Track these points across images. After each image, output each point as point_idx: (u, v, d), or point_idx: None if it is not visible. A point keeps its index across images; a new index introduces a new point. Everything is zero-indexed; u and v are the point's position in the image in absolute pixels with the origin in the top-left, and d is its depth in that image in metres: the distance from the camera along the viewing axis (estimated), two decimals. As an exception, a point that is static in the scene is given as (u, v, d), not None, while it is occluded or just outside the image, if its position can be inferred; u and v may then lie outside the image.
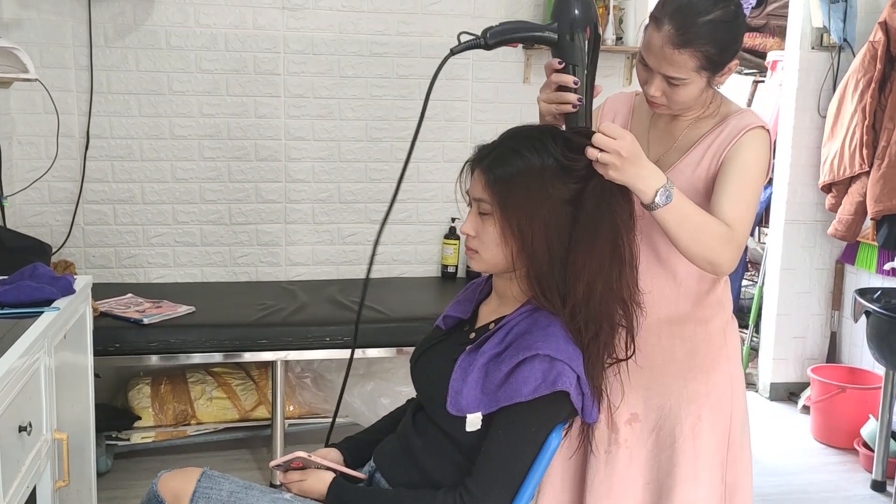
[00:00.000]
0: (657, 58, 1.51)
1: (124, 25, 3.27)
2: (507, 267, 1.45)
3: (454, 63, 3.61)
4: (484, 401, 1.38)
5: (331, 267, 3.63)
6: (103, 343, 2.71)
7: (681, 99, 1.55)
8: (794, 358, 3.97)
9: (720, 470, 1.63)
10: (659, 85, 1.53)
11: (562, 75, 1.48)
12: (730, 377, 1.66)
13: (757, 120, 1.58)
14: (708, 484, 1.62)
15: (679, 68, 1.50)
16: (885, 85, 3.36)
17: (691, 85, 1.52)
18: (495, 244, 1.43)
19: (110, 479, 2.96)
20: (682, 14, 1.47)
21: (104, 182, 3.35)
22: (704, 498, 1.62)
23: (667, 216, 1.42)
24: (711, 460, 1.62)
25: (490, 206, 1.42)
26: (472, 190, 1.46)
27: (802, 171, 3.84)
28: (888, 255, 3.54)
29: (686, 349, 1.63)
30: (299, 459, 1.53)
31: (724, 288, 1.68)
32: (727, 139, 1.57)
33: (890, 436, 3.05)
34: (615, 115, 1.74)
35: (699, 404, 1.62)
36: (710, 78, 1.54)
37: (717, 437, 1.63)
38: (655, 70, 1.52)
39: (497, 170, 1.42)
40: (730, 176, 1.53)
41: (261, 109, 3.45)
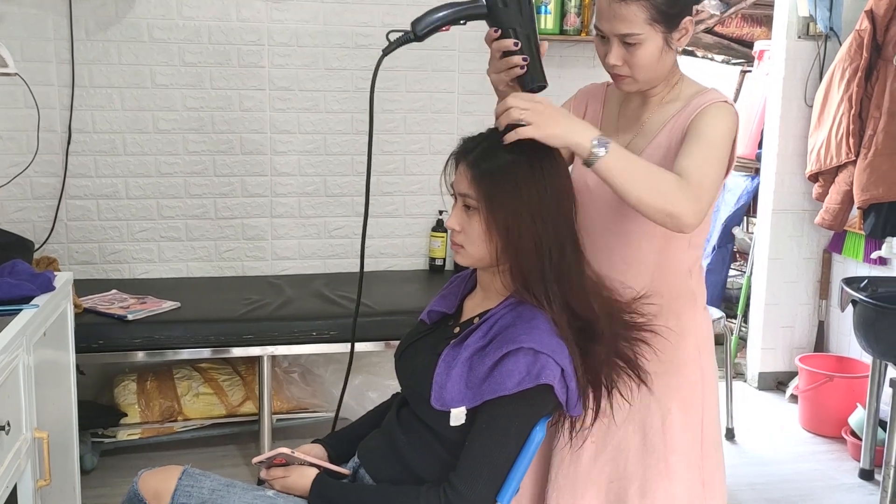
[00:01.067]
0: (608, 19, 1.50)
1: (106, 18, 3.23)
2: (491, 262, 1.44)
3: (440, 54, 3.59)
4: (468, 395, 1.37)
5: (318, 261, 3.61)
6: (87, 340, 2.68)
7: (641, 62, 1.51)
8: (782, 347, 3.98)
9: (697, 470, 1.62)
10: (617, 51, 1.51)
11: (501, 41, 1.48)
12: (701, 371, 1.64)
13: (720, 96, 1.57)
14: (686, 482, 1.60)
15: (631, 23, 1.48)
16: (871, 74, 3.36)
17: (648, 43, 1.50)
18: (481, 239, 1.42)
19: (96, 477, 2.94)
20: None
21: (87, 177, 3.31)
22: (682, 496, 1.60)
23: (610, 166, 1.36)
24: (687, 458, 1.61)
25: (476, 202, 1.41)
26: (458, 185, 1.44)
27: (789, 161, 3.84)
28: (875, 243, 3.54)
29: (657, 343, 1.58)
30: (282, 456, 1.52)
31: (698, 281, 1.66)
32: (687, 117, 1.56)
33: (877, 424, 3.06)
34: (586, 106, 1.73)
35: (669, 398, 1.61)
36: (667, 35, 1.52)
37: (690, 434, 1.61)
38: (609, 34, 1.51)
39: (483, 165, 1.41)
40: (689, 139, 1.50)
41: (245, 102, 3.42)
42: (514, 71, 1.49)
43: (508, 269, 1.43)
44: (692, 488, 1.60)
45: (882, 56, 3.31)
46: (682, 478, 1.59)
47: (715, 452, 1.65)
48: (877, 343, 2.75)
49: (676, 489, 1.59)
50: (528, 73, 1.49)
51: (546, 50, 1.53)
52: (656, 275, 1.61)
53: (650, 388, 1.52)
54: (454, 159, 1.47)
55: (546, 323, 1.39)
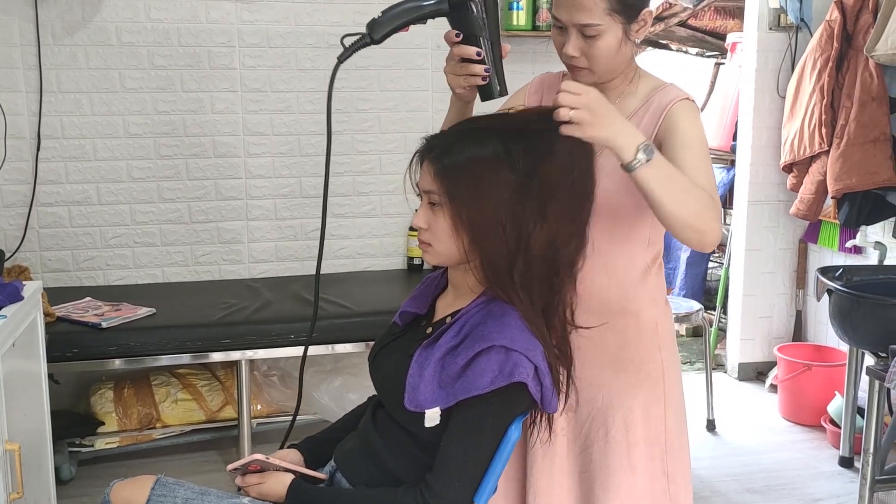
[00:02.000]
0: (567, 7, 1.46)
1: (72, 22, 3.19)
2: (460, 258, 1.43)
3: (413, 52, 3.58)
4: (441, 395, 1.36)
5: (295, 263, 3.59)
6: (61, 349, 2.65)
7: (600, 54, 1.49)
8: (761, 337, 4.01)
9: (660, 462, 1.61)
10: (575, 42, 1.48)
11: (462, 47, 1.44)
12: (662, 367, 1.63)
13: (680, 93, 1.55)
14: (647, 475, 1.60)
15: (590, 12, 1.45)
16: (842, 64, 3.38)
17: (607, 34, 1.47)
18: (447, 235, 1.40)
19: (75, 487, 2.91)
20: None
21: (58, 184, 3.27)
22: (643, 488, 1.60)
23: (650, 174, 1.34)
24: (649, 451, 1.60)
25: (439, 197, 1.39)
26: (422, 182, 1.43)
27: (764, 152, 3.86)
28: (850, 232, 3.57)
29: (617, 341, 1.60)
30: (257, 462, 1.50)
31: (657, 278, 1.66)
32: (654, 118, 1.53)
33: (856, 412, 3.09)
34: (542, 96, 1.70)
35: (631, 395, 1.60)
36: (626, 27, 1.49)
37: (651, 428, 1.61)
38: (568, 23, 1.47)
39: (445, 159, 1.39)
40: (677, 152, 1.46)
41: (217, 105, 3.39)
42: (474, 80, 1.46)
43: (479, 264, 1.41)
44: (655, 480, 1.61)
45: (852, 46, 3.34)
46: (644, 470, 1.60)
47: (679, 443, 1.65)
48: (853, 331, 2.77)
49: (638, 482, 1.59)
50: (489, 85, 1.46)
51: (508, 52, 1.50)
52: (613, 274, 1.60)
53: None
54: (418, 157, 1.46)
55: (517, 320, 1.38)
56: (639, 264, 1.61)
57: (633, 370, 1.61)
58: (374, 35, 1.43)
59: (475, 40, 1.43)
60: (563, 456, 1.64)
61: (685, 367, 4.29)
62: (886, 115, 3.20)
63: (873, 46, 3.10)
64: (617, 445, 1.59)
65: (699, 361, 4.35)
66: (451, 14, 1.44)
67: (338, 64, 1.42)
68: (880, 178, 3.19)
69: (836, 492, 2.96)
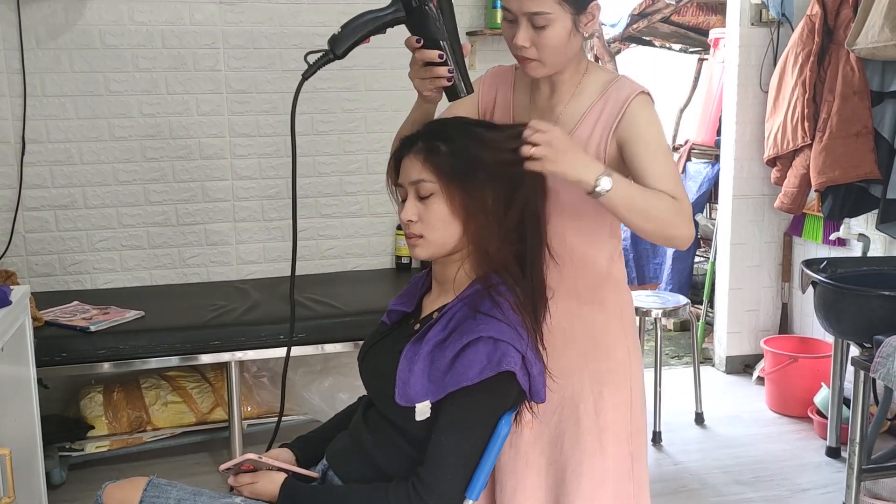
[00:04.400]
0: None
1: (56, 26, 3.18)
2: (453, 247, 1.45)
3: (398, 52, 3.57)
4: (431, 389, 1.38)
5: (283, 264, 3.59)
6: (49, 353, 2.64)
7: (549, 43, 1.49)
8: (748, 330, 4.04)
9: (626, 444, 1.66)
10: (525, 32, 1.48)
11: (424, 52, 1.45)
12: (628, 353, 1.68)
13: (636, 86, 1.56)
14: (615, 458, 1.64)
15: (540, 1, 1.46)
16: (823, 58, 3.41)
17: (556, 24, 1.47)
18: (441, 222, 1.43)
19: (66, 491, 2.90)
20: None
21: (43, 188, 3.26)
22: (612, 470, 1.64)
23: (612, 199, 1.41)
24: (616, 434, 1.65)
25: (431, 185, 1.42)
26: (408, 175, 1.46)
27: (748, 147, 3.89)
28: (833, 225, 3.61)
29: (585, 330, 1.64)
30: (249, 462, 1.51)
31: (619, 267, 1.70)
32: (612, 114, 1.54)
33: (842, 403, 3.12)
34: (496, 90, 1.71)
35: (601, 382, 1.64)
36: (575, 18, 1.50)
37: (620, 412, 1.65)
38: (518, 12, 1.48)
39: (430, 146, 1.44)
40: (640, 155, 1.51)
41: (203, 107, 3.38)
42: (440, 81, 1.47)
43: (473, 249, 1.45)
44: (622, 461, 1.65)
45: (833, 40, 3.37)
46: (612, 453, 1.64)
47: (641, 424, 1.70)
48: (838, 323, 2.80)
49: (608, 464, 1.64)
50: (454, 85, 1.48)
51: (469, 51, 1.51)
52: (580, 265, 1.63)
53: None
54: (394, 159, 1.50)
55: (504, 312, 1.40)
56: (604, 255, 1.65)
57: (601, 357, 1.65)
58: (336, 51, 1.44)
59: (435, 43, 1.44)
60: (527, 448, 1.66)
61: (673, 362, 4.32)
62: (868, 108, 3.24)
63: (854, 40, 3.14)
64: (588, 431, 1.63)
65: (687, 355, 4.38)
66: (409, 20, 1.45)
67: (302, 81, 1.44)
68: (863, 170, 3.22)
69: (823, 482, 2.99)
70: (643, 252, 4.86)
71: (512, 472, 1.66)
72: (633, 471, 1.66)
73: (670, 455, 3.22)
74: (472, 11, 3.63)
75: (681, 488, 2.95)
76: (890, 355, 2.37)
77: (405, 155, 1.47)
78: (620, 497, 1.65)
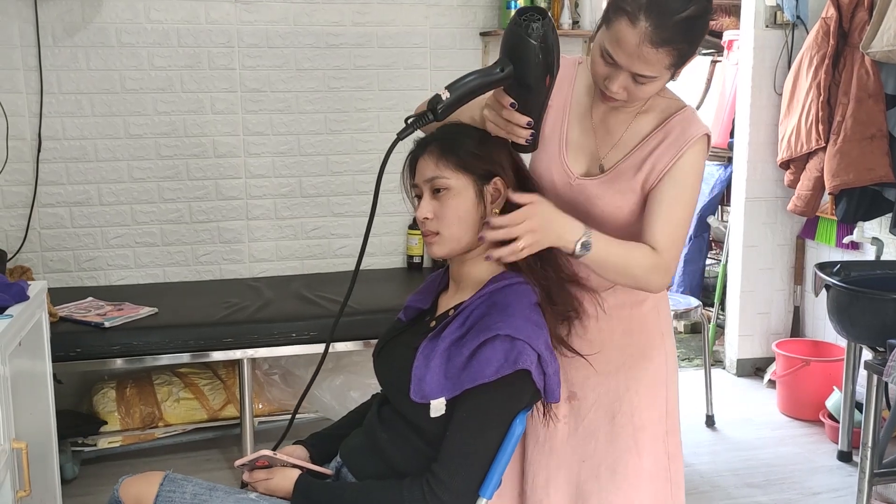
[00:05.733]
0: (629, 56, 1.41)
1: (72, 24, 3.20)
2: (469, 242, 1.46)
3: (412, 52, 3.60)
4: (447, 385, 1.38)
5: (295, 262, 3.60)
6: (64, 348, 2.66)
7: (643, 95, 1.49)
8: (760, 333, 4.03)
9: (662, 443, 1.67)
10: (623, 82, 1.45)
11: (514, 115, 1.41)
12: (665, 353, 1.69)
13: (701, 127, 1.54)
14: (652, 457, 1.65)
15: (653, 66, 1.42)
16: (838, 60, 3.40)
17: (658, 81, 1.46)
18: (457, 217, 1.44)
19: (78, 486, 2.92)
20: (659, 10, 1.37)
21: (59, 184, 3.28)
22: (650, 470, 1.64)
23: (590, 262, 1.44)
24: (653, 433, 1.65)
25: (447, 178, 1.44)
26: (423, 174, 1.48)
27: (761, 149, 3.88)
28: (847, 228, 3.59)
29: (623, 330, 1.65)
30: (264, 458, 1.51)
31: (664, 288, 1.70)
32: (673, 150, 1.52)
33: (854, 406, 3.10)
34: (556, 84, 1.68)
35: (638, 381, 1.65)
36: (675, 73, 1.48)
37: (655, 411, 1.66)
38: (626, 67, 1.43)
39: (444, 144, 1.46)
40: (667, 196, 1.51)
41: (217, 105, 3.40)
42: (515, 138, 1.44)
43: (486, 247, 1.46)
44: (658, 460, 1.66)
45: (848, 43, 3.35)
46: (649, 452, 1.65)
47: (676, 423, 1.71)
48: (851, 327, 2.79)
49: (644, 463, 1.64)
50: (526, 145, 1.46)
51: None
52: None
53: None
54: (410, 159, 1.52)
55: (521, 310, 1.40)
56: None
57: (638, 356, 1.66)
58: (440, 116, 1.37)
59: (529, 114, 1.40)
60: (562, 444, 1.67)
61: (684, 364, 4.31)
62: (883, 111, 3.22)
63: (869, 43, 3.12)
64: (623, 429, 1.64)
65: (698, 358, 4.37)
66: (512, 87, 1.39)
67: (396, 140, 1.40)
68: (877, 174, 3.21)
69: (834, 486, 2.98)
70: (654, 254, 4.84)
71: (545, 467, 1.67)
72: (669, 470, 1.67)
73: (681, 457, 3.22)
74: (486, 12, 3.64)
75: (691, 491, 2.95)
76: (904, 359, 2.36)
77: (420, 155, 1.49)
78: (657, 496, 1.65)
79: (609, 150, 1.59)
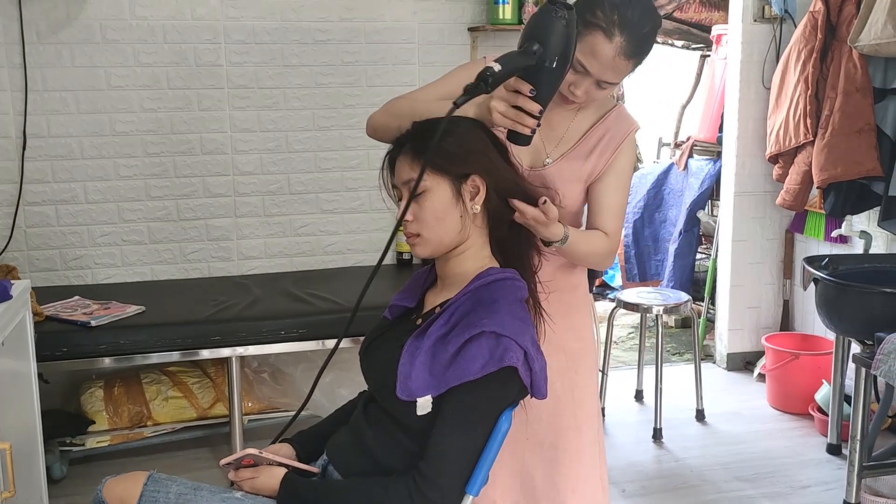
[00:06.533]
0: (602, 66, 1.57)
1: (57, 20, 3.18)
2: (452, 241, 1.45)
3: (400, 48, 3.58)
4: (433, 383, 1.37)
5: (284, 259, 3.59)
6: (50, 348, 2.65)
7: (600, 98, 1.66)
8: (749, 328, 4.03)
9: (596, 418, 1.83)
10: (588, 88, 1.61)
11: (529, 103, 1.44)
12: (593, 334, 1.87)
13: (633, 122, 1.74)
14: (589, 433, 1.80)
15: (620, 75, 1.60)
16: (826, 55, 3.40)
17: (616, 86, 1.65)
18: (435, 218, 1.44)
19: (66, 486, 2.90)
20: (631, 26, 1.54)
21: (44, 182, 3.26)
22: (587, 445, 1.78)
23: (564, 251, 1.60)
24: (589, 410, 1.81)
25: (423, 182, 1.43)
26: (401, 175, 1.48)
27: (750, 143, 3.88)
28: (835, 222, 3.60)
29: (561, 311, 1.74)
30: (250, 457, 1.50)
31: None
32: (613, 144, 1.70)
33: (843, 400, 3.11)
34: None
35: (576, 361, 1.79)
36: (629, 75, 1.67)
37: (591, 388, 1.83)
38: (596, 76, 1.58)
39: (418, 144, 1.45)
40: (611, 187, 1.71)
41: (204, 102, 3.38)
42: (520, 128, 1.47)
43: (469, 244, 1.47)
44: (593, 435, 1.80)
45: (836, 37, 3.36)
46: (587, 429, 1.79)
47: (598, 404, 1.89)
48: (839, 320, 2.80)
49: (583, 439, 1.78)
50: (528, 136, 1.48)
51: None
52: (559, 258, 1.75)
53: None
54: (388, 159, 1.51)
55: (506, 306, 1.40)
56: None
57: (574, 337, 1.80)
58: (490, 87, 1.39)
59: (542, 102, 1.45)
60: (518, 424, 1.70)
61: (674, 359, 4.32)
62: (870, 105, 3.23)
63: (857, 37, 3.13)
64: (565, 407, 1.77)
65: (688, 352, 4.38)
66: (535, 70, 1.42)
67: (453, 108, 1.40)
68: (865, 168, 3.21)
69: (824, 478, 2.98)
70: (645, 249, 4.85)
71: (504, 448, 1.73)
72: (598, 444, 1.82)
73: (671, 451, 3.22)
74: (474, 7, 3.62)
75: (681, 485, 2.95)
76: (891, 352, 2.37)
77: (396, 156, 1.48)
78: (594, 470, 1.80)
79: (554, 146, 1.72)
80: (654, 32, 1.60)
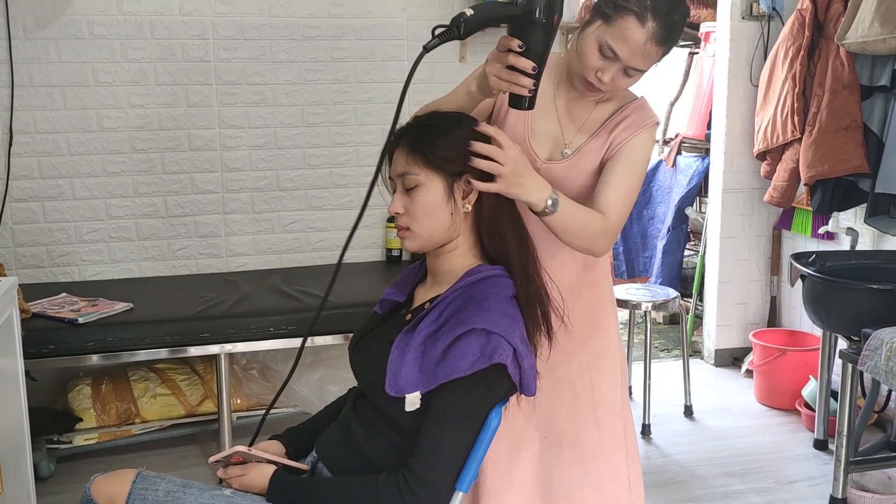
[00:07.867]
0: (633, 52, 1.52)
1: (44, 15, 3.15)
2: (442, 237, 1.45)
3: (389, 44, 3.58)
4: (422, 379, 1.38)
5: (273, 256, 3.58)
6: (37, 345, 2.63)
7: (626, 86, 1.61)
8: (737, 324, 4.05)
9: (620, 419, 1.78)
10: (616, 74, 1.56)
11: (520, 59, 1.41)
12: (616, 331, 1.82)
13: (653, 116, 1.68)
14: (611, 431, 1.76)
15: (648, 62, 1.56)
16: (813, 52, 3.41)
17: (643, 74, 1.59)
18: (426, 214, 1.44)
19: (54, 484, 2.89)
20: (663, 13, 1.51)
21: (31, 179, 3.24)
22: (607, 444, 1.75)
23: (554, 221, 1.51)
24: (610, 409, 1.76)
25: (416, 177, 1.44)
26: (395, 169, 1.48)
27: (738, 141, 3.90)
28: (822, 219, 3.62)
29: (583, 310, 1.73)
30: (239, 454, 1.50)
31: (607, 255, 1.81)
32: (627, 133, 1.65)
33: (829, 395, 3.13)
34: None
35: (598, 358, 1.76)
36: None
37: (614, 388, 1.78)
38: (625, 61, 1.54)
39: (415, 140, 1.46)
40: (618, 169, 1.63)
41: (192, 98, 3.37)
42: (517, 89, 1.45)
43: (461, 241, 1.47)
44: (616, 435, 1.77)
45: (824, 34, 3.37)
46: (607, 427, 1.76)
47: (628, 400, 1.85)
48: (826, 316, 2.81)
49: (603, 437, 1.75)
50: (528, 98, 1.46)
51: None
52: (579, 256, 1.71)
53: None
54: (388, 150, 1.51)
55: (496, 303, 1.40)
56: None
57: (598, 336, 1.77)
58: (462, 33, 1.38)
59: (536, 57, 1.41)
60: (522, 423, 1.73)
61: (662, 355, 4.34)
62: (857, 102, 3.25)
63: (844, 35, 3.14)
64: (584, 405, 1.75)
65: (676, 348, 4.40)
66: (522, 23, 1.40)
67: (423, 52, 1.38)
68: (852, 164, 3.23)
69: (811, 473, 3.00)
70: (633, 245, 4.87)
71: (507, 447, 1.71)
72: (626, 445, 1.78)
73: (659, 447, 3.23)
74: (463, 3, 3.62)
75: (670, 480, 2.96)
76: (878, 348, 2.39)
77: (395, 147, 1.48)
78: (617, 469, 1.76)
79: (574, 135, 1.69)
80: (683, 20, 1.56)
